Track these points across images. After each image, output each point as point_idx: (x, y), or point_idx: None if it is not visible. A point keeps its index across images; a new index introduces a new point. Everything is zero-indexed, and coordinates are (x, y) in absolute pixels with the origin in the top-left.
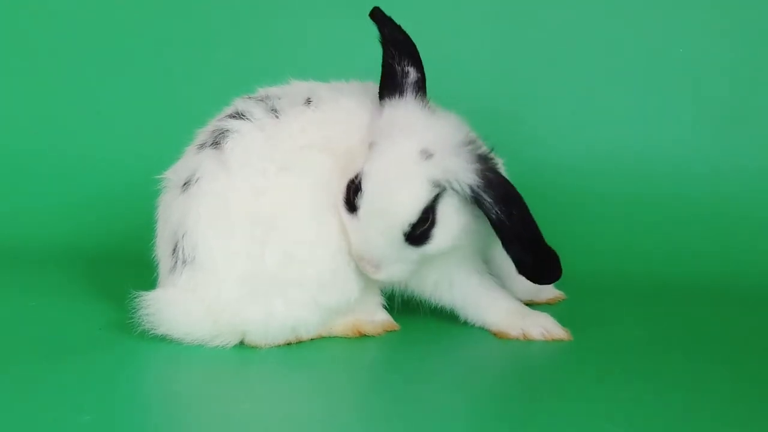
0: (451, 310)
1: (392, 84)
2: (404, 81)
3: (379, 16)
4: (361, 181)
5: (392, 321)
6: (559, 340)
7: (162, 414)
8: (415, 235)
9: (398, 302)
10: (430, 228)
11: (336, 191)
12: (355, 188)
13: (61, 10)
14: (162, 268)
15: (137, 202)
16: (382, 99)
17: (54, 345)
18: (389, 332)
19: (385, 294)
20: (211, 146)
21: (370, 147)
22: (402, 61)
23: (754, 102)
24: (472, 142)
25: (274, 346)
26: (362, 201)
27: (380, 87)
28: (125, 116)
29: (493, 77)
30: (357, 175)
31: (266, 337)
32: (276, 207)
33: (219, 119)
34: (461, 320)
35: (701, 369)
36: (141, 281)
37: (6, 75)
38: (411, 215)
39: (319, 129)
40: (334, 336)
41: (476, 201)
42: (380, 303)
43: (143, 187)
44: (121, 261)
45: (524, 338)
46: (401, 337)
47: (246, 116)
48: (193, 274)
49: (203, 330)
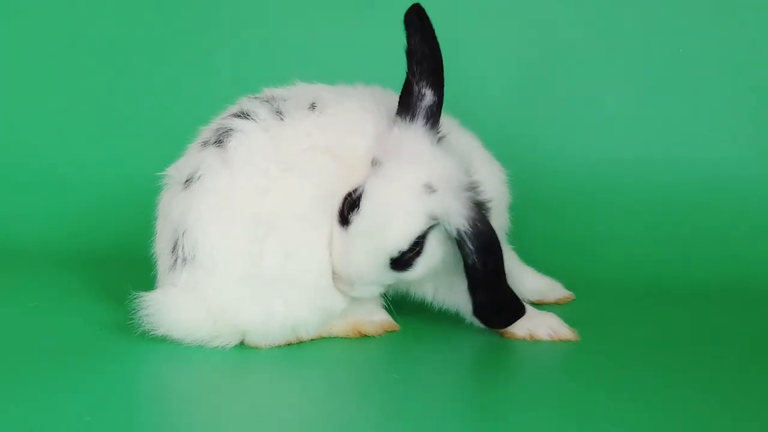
0: (455, 313)
1: (407, 103)
2: (418, 104)
3: (413, 22)
4: (360, 199)
5: (392, 321)
6: (566, 341)
7: (162, 414)
8: (401, 261)
9: (390, 303)
10: (416, 256)
11: (337, 193)
12: (352, 203)
13: (61, 11)
14: (161, 266)
15: (139, 203)
16: (397, 114)
17: (54, 345)
18: (389, 332)
19: (387, 294)
20: (215, 144)
21: (374, 164)
22: (421, 81)
23: (757, 105)
24: (473, 188)
25: (275, 347)
26: (357, 218)
27: (399, 100)
28: (127, 117)
29: (501, 84)
30: (356, 190)
31: (266, 338)
32: (277, 207)
33: (223, 118)
34: (459, 319)
35: (706, 371)
36: (142, 281)
37: (6, 75)
38: (404, 243)
39: (324, 133)
40: (334, 336)
41: (458, 243)
42: (380, 303)
43: (145, 188)
44: (122, 261)
45: (531, 338)
46: (401, 338)
47: (251, 116)
48: (193, 273)
49: (203, 330)
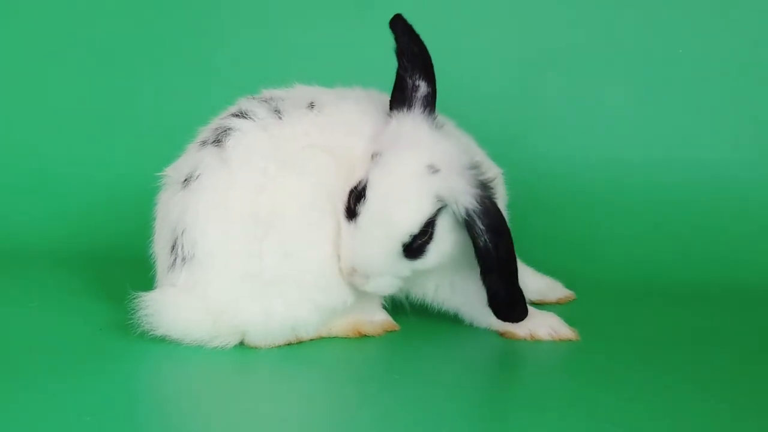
0: (455, 313)
1: (402, 97)
2: (414, 95)
3: (399, 26)
4: (365, 189)
5: (392, 321)
6: (567, 341)
7: (162, 414)
8: (413, 248)
9: (390, 303)
10: (427, 242)
11: (336, 191)
12: (357, 195)
13: (61, 12)
14: (160, 266)
15: (139, 203)
16: (391, 110)
17: (54, 345)
18: (389, 332)
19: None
20: (213, 144)
21: (374, 157)
22: (414, 75)
23: (758, 105)
24: (476, 167)
25: (274, 347)
26: (365, 208)
27: (391, 98)
28: (128, 117)
29: (501, 85)
30: (359, 183)
31: (266, 338)
32: (276, 206)
33: (222, 117)
34: (459, 320)
35: (706, 371)
36: (141, 281)
37: (5, 75)
38: (414, 226)
39: (322, 133)
40: (334, 336)
41: (468, 225)
42: (380, 303)
43: (145, 188)
44: (122, 261)
45: (531, 338)
46: (401, 338)
47: (249, 115)
48: (192, 273)
49: (202, 330)
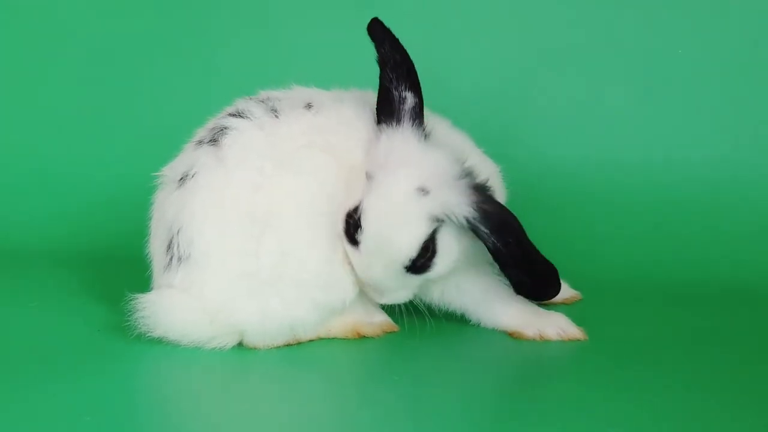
0: (461, 314)
1: (389, 110)
2: (401, 107)
3: (377, 33)
4: (361, 218)
5: (391, 322)
6: (575, 340)
7: (162, 415)
8: (416, 266)
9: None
10: (431, 258)
11: (336, 191)
12: (355, 224)
13: (62, 12)
14: (156, 265)
15: (139, 203)
16: (379, 123)
17: (54, 346)
18: (388, 333)
19: None
20: (209, 143)
21: (368, 178)
22: (399, 86)
23: (758, 106)
24: (468, 174)
25: (273, 348)
26: (363, 237)
27: (377, 109)
28: (128, 117)
29: (501, 85)
30: (356, 209)
31: (264, 338)
32: (273, 205)
33: (218, 117)
34: (460, 320)
35: (707, 371)
36: (141, 282)
37: (3, 75)
38: (412, 251)
39: (320, 133)
40: (333, 337)
41: (473, 230)
42: (378, 304)
43: (145, 188)
44: (123, 261)
45: (540, 338)
46: (401, 338)
47: (246, 115)
48: (189, 272)
49: (200, 331)
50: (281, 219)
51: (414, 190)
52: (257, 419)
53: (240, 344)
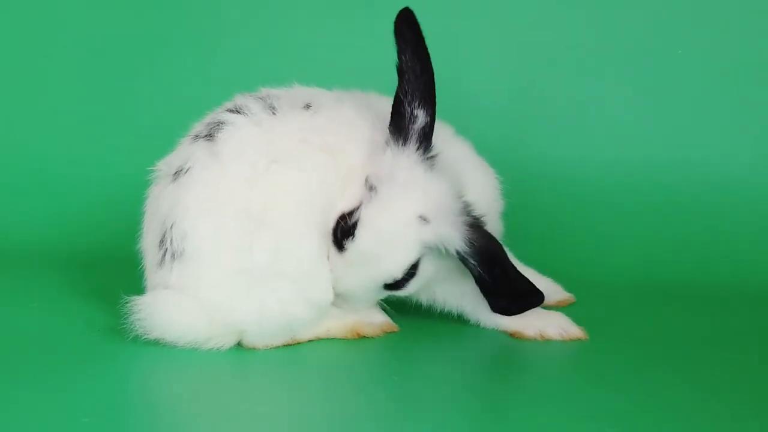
0: (456, 315)
1: (399, 125)
2: (411, 126)
3: (404, 33)
4: (355, 227)
5: (391, 322)
6: (576, 340)
7: (162, 416)
8: (393, 285)
9: (389, 304)
10: (409, 279)
11: (332, 189)
12: (347, 230)
13: (62, 12)
14: (149, 261)
15: (139, 204)
16: (390, 132)
17: (53, 346)
18: (388, 334)
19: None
20: (205, 138)
21: (367, 185)
22: (413, 102)
23: (759, 106)
24: (466, 210)
25: (272, 348)
26: (352, 247)
27: (391, 117)
28: (127, 118)
29: (500, 87)
30: (351, 214)
31: (262, 336)
32: (268, 201)
33: (216, 112)
34: (460, 320)
35: (706, 372)
36: (141, 282)
37: (4, 76)
38: (398, 272)
39: (318, 133)
40: (333, 337)
41: (462, 261)
42: (378, 305)
43: (144, 188)
44: (123, 262)
45: (541, 338)
46: (401, 339)
47: (243, 111)
48: (183, 270)
49: (198, 332)
50: (276, 215)
51: (416, 217)
52: (257, 419)
53: (239, 345)
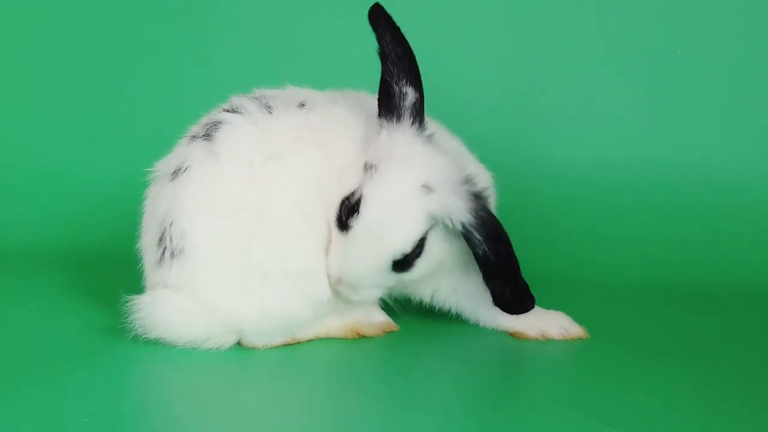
0: (456, 314)
1: (390, 105)
2: (402, 103)
3: (380, 22)
4: (360, 203)
5: (391, 322)
6: (578, 339)
7: (162, 416)
8: (402, 263)
9: (389, 304)
10: (416, 257)
11: (328, 187)
12: (351, 208)
13: (61, 12)
14: (147, 261)
15: (139, 204)
16: (380, 117)
17: (53, 346)
18: (388, 333)
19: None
20: (203, 138)
21: (367, 168)
22: (400, 81)
23: (759, 106)
24: (469, 181)
25: (272, 347)
26: (358, 222)
27: (378, 102)
28: (126, 118)
29: (498, 87)
30: (353, 194)
31: (262, 335)
32: (265, 198)
33: (213, 113)
34: (460, 320)
35: (706, 372)
36: (139, 282)
37: (4, 76)
38: (407, 246)
39: (312, 131)
40: (333, 337)
41: (465, 237)
42: (378, 304)
43: (144, 188)
44: (123, 261)
45: (543, 338)
46: (401, 338)
47: (239, 110)
48: (182, 268)
49: (198, 331)
50: (273, 212)
51: (420, 186)
52: (257, 419)
53: (239, 345)
